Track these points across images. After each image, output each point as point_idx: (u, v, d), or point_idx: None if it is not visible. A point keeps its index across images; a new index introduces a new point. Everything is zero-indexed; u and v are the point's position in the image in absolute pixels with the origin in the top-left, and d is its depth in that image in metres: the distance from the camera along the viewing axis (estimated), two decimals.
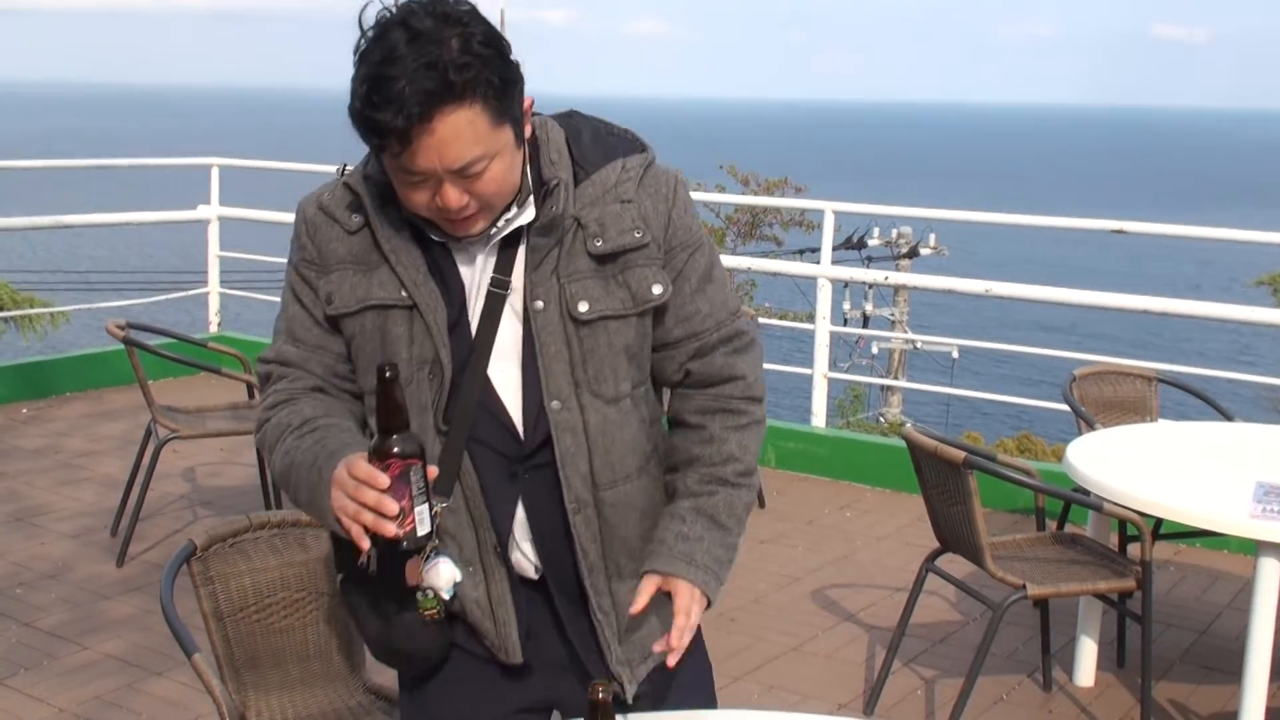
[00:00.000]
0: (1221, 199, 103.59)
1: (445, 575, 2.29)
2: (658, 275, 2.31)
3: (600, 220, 2.29)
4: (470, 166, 2.11)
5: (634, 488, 2.38)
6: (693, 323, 2.38)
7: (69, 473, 7.23)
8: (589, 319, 2.27)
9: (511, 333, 2.29)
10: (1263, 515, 4.13)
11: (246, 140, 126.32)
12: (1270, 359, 34.03)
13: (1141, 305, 7.30)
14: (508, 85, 2.14)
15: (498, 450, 2.31)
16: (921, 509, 4.96)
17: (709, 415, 2.43)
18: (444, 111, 2.06)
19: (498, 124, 2.12)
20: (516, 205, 2.24)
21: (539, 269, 2.26)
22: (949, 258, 38.40)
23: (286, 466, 2.28)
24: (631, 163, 2.33)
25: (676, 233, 2.34)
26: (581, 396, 2.30)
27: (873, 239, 35.27)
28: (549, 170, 2.28)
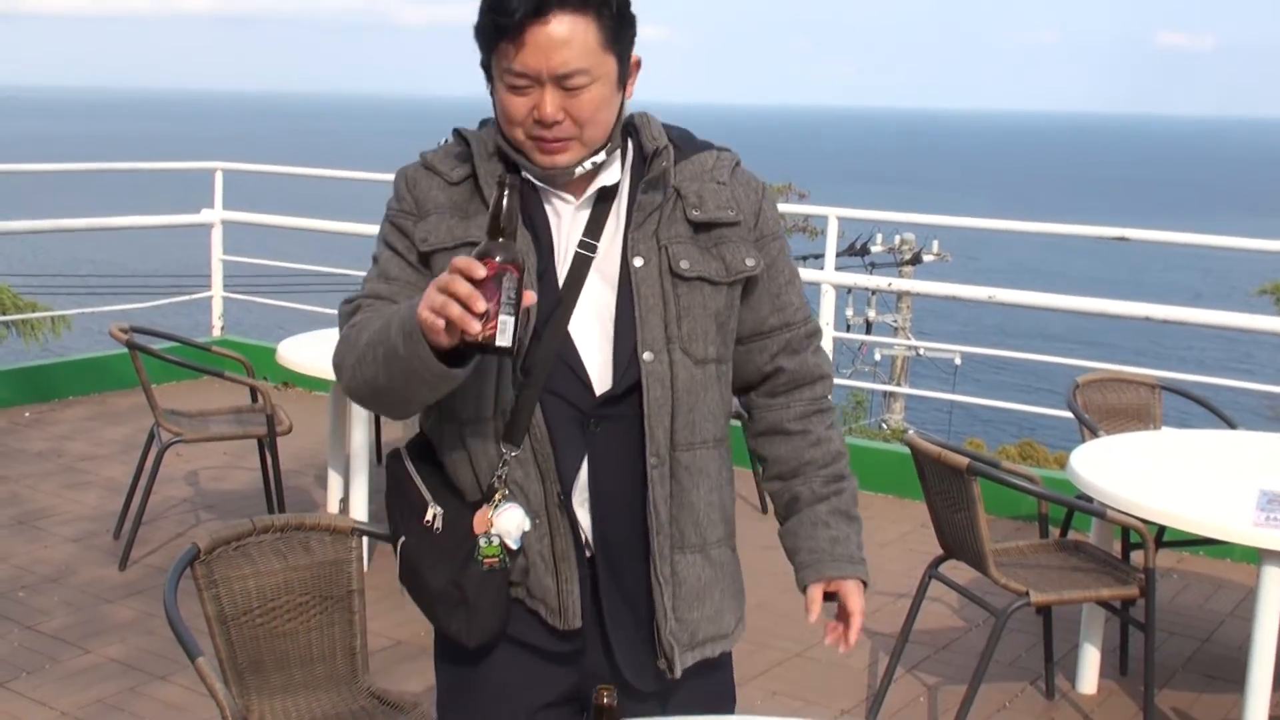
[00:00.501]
0: (1223, 207, 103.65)
1: (514, 521, 2.35)
2: (750, 251, 2.44)
3: (699, 193, 2.42)
4: (572, 77, 2.24)
5: (707, 455, 2.45)
6: (787, 312, 2.52)
7: (72, 476, 7.23)
8: (689, 276, 2.37)
9: (594, 291, 2.37)
10: (1266, 524, 4.13)
11: (249, 144, 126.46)
12: (1271, 367, 34.05)
13: (1143, 312, 7.29)
14: (624, 19, 2.30)
15: (570, 402, 2.36)
16: (924, 515, 4.96)
17: (809, 419, 2.57)
18: (561, 12, 2.21)
19: (606, 48, 2.27)
20: (606, 153, 2.35)
21: (640, 228, 2.38)
22: (951, 264, 38.46)
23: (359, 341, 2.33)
24: (724, 155, 2.50)
25: (767, 223, 2.48)
26: (673, 351, 2.38)
27: (876, 245, 35.33)
28: (651, 143, 2.41)
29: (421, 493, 2.46)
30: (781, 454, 2.57)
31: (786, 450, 2.57)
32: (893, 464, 7.16)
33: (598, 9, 2.25)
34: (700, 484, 2.44)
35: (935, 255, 37.57)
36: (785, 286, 2.52)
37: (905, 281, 11.69)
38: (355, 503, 6.03)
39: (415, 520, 2.44)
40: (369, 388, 2.32)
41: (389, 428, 7.91)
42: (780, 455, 2.58)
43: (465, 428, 2.39)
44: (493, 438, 2.37)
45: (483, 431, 2.38)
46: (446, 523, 2.41)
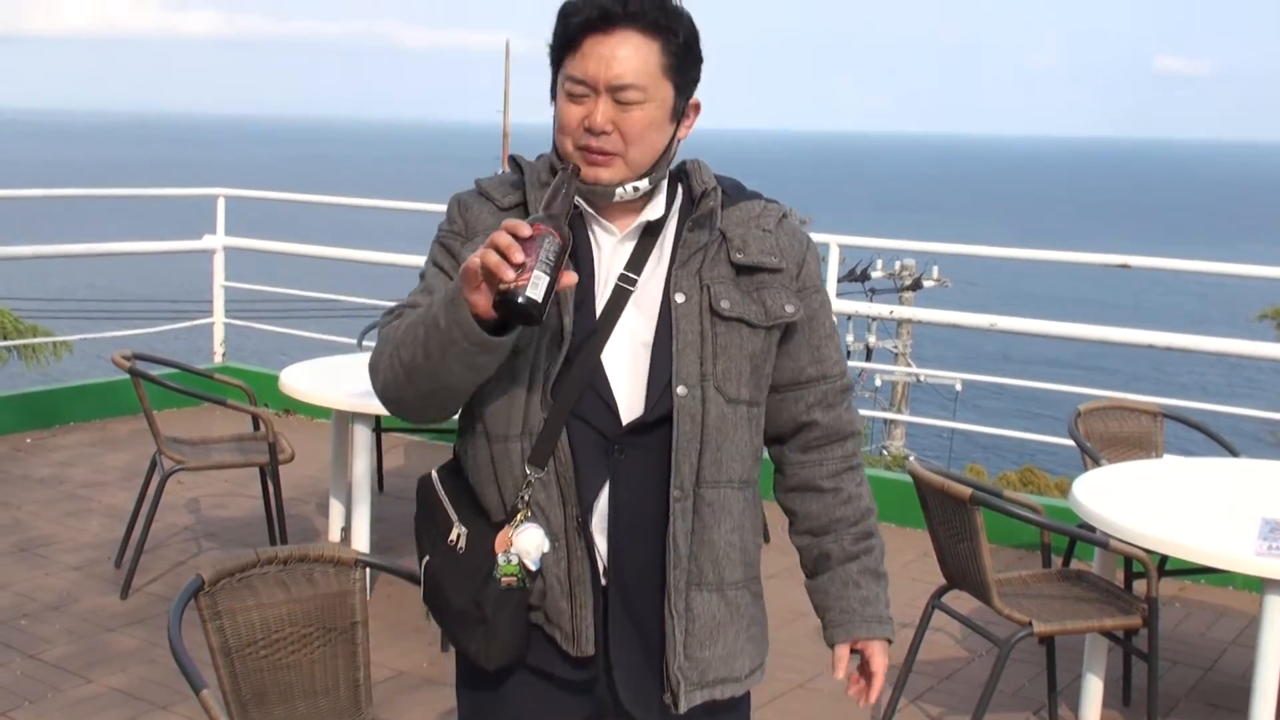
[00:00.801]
0: (1223, 231, 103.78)
1: (534, 541, 2.39)
2: (790, 299, 2.47)
3: (744, 238, 2.48)
4: (627, 91, 2.33)
5: (732, 495, 2.48)
6: (825, 365, 2.56)
7: (74, 503, 7.22)
8: (729, 316, 2.42)
9: (631, 322, 2.42)
10: (1268, 553, 4.13)
11: (251, 168, 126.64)
12: (1272, 392, 34.07)
13: (1145, 340, 7.31)
14: (689, 53, 2.39)
15: (596, 428, 2.41)
16: (927, 544, 4.96)
17: (841, 476, 2.61)
18: (628, 29, 2.32)
19: (665, 74, 2.36)
20: (649, 182, 2.41)
21: (685, 266, 2.43)
22: (952, 289, 38.50)
23: (400, 329, 2.39)
24: (772, 205, 2.56)
25: (809, 276, 2.52)
26: (707, 388, 2.42)
27: (876, 271, 35.40)
28: (700, 185, 2.49)
29: (448, 513, 2.50)
30: (813, 510, 2.61)
31: (818, 507, 2.60)
32: (895, 492, 7.15)
33: (665, 35, 2.35)
34: (722, 522, 2.46)
35: (936, 281, 37.65)
36: (825, 340, 2.56)
37: (907, 310, 11.73)
38: (357, 532, 6.03)
39: (441, 540, 2.49)
40: (405, 372, 2.36)
41: (391, 455, 7.92)
42: (812, 511, 2.61)
43: (494, 446, 2.43)
44: (519, 458, 2.41)
45: (510, 452, 2.42)
46: (470, 542, 2.45)
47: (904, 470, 6.73)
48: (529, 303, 2.15)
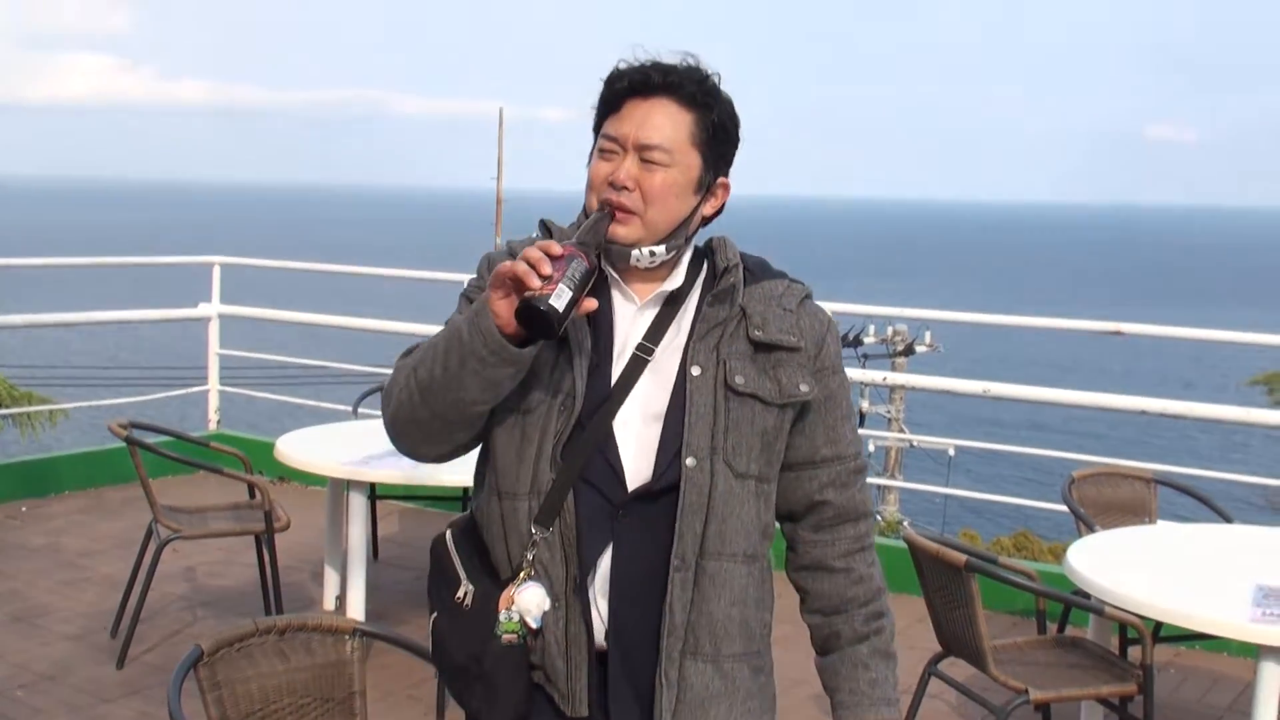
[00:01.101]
0: (1211, 295, 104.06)
1: (535, 599, 2.42)
2: (805, 378, 2.50)
3: (763, 315, 2.51)
4: (654, 151, 2.41)
5: (735, 569, 2.49)
6: (840, 445, 2.58)
7: (69, 572, 7.21)
8: (742, 391, 2.45)
9: (645, 391, 2.47)
10: (1263, 619, 4.15)
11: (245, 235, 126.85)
12: (1266, 458, 34.08)
13: (1138, 405, 7.34)
14: (723, 132, 2.48)
15: (602, 492, 2.44)
16: (923, 610, 4.96)
17: (853, 557, 2.61)
18: (666, 98, 2.43)
19: (694, 145, 2.45)
20: (666, 250, 2.46)
21: (703, 339, 2.47)
22: (944, 355, 38.52)
23: (417, 351, 2.47)
24: (796, 286, 2.60)
25: (828, 357, 2.55)
26: (715, 461, 2.44)
27: (868, 337, 35.44)
28: (724, 261, 2.54)
29: (458, 571, 2.54)
30: (824, 590, 2.62)
31: (829, 586, 2.61)
32: (890, 558, 7.11)
33: (700, 109, 2.45)
34: (722, 595, 2.47)
35: (928, 346, 37.67)
36: (841, 421, 2.58)
37: (900, 376, 11.73)
38: (352, 600, 6.03)
39: (449, 597, 2.52)
40: (421, 391, 2.42)
41: (385, 523, 7.92)
42: (823, 591, 2.62)
43: (503, 503, 2.48)
44: (525, 517, 2.45)
45: (517, 510, 2.46)
46: (476, 600, 2.48)
47: (899, 536, 6.74)
48: (550, 310, 2.23)
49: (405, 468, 5.79)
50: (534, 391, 2.44)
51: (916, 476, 32.22)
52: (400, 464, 5.82)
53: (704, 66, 2.48)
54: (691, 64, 2.47)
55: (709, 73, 2.48)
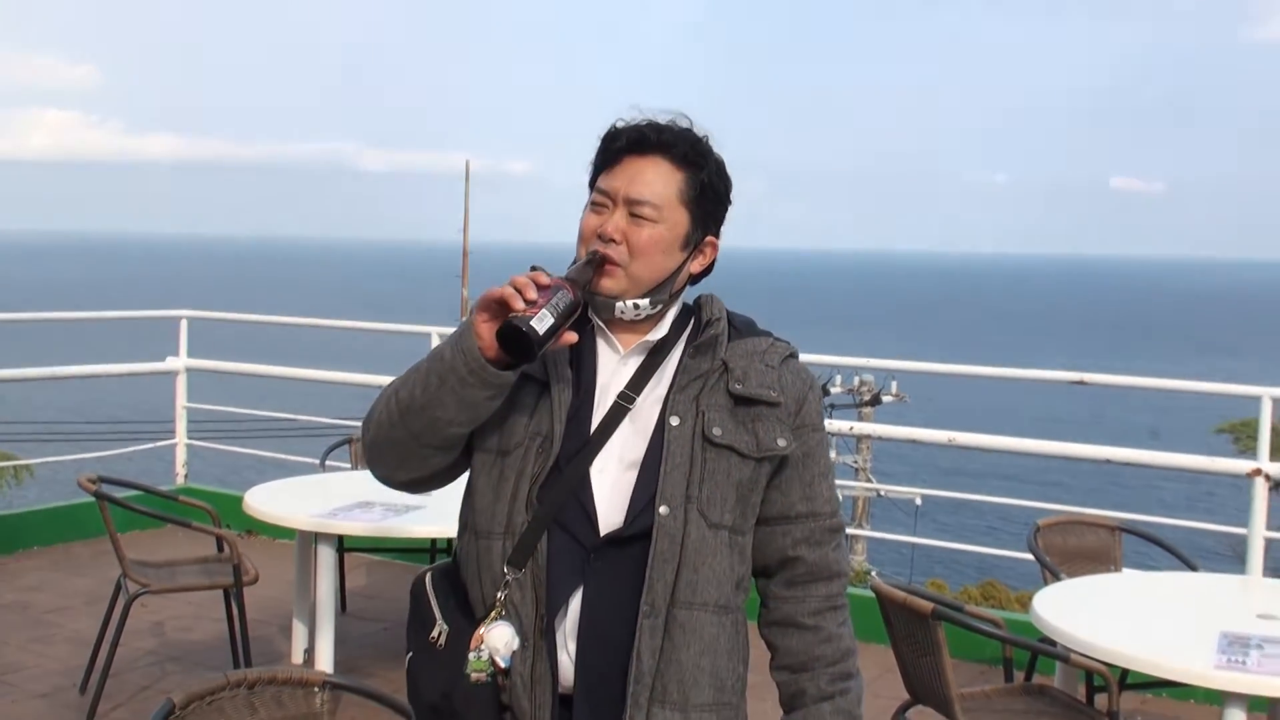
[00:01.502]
0: (1174, 346, 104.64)
1: (503, 638, 2.45)
2: (784, 433, 2.53)
3: (745, 369, 2.55)
4: (642, 206, 2.49)
5: (705, 619, 2.50)
6: (816, 502, 2.60)
7: (38, 629, 7.18)
8: (719, 443, 2.48)
9: (624, 439, 2.50)
10: (1228, 666, 4.18)
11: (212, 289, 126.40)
12: (1230, 506, 34.21)
13: (1103, 454, 7.39)
14: (713, 192, 2.55)
15: (575, 536, 2.47)
16: (890, 660, 4.98)
17: (823, 615, 2.62)
18: (659, 156, 2.51)
19: (683, 203, 2.52)
20: (650, 304, 2.52)
21: (684, 390, 2.51)
22: (910, 404, 38.62)
23: (402, 374, 2.51)
24: (779, 344, 2.62)
25: (809, 415, 2.59)
26: (690, 510, 2.47)
27: (835, 387, 35.52)
28: (707, 315, 2.61)
29: (433, 611, 2.57)
30: (793, 646, 2.62)
31: (798, 644, 2.62)
32: (857, 607, 7.13)
33: (691, 169, 2.53)
34: (692, 644, 2.48)
35: (894, 396, 37.79)
36: (818, 478, 2.61)
37: (867, 425, 11.80)
38: (320, 653, 6.02)
39: (424, 637, 2.56)
40: (400, 410, 2.46)
41: (354, 576, 7.91)
42: (791, 648, 2.62)
43: (479, 542, 2.52)
44: (499, 556, 2.48)
45: (491, 549, 2.49)
46: (450, 639, 2.51)
47: (866, 585, 6.76)
48: (530, 331, 2.28)
49: (373, 520, 5.80)
50: (514, 433, 2.49)
51: (884, 526, 32.28)
52: (368, 516, 5.82)
53: (696, 128, 2.55)
54: (685, 125, 2.54)
55: (702, 134, 2.55)
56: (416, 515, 5.85)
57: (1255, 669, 4.16)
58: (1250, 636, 4.48)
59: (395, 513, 5.87)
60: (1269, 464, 6.80)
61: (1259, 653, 4.30)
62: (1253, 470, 6.74)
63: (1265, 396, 7.22)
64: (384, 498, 6.10)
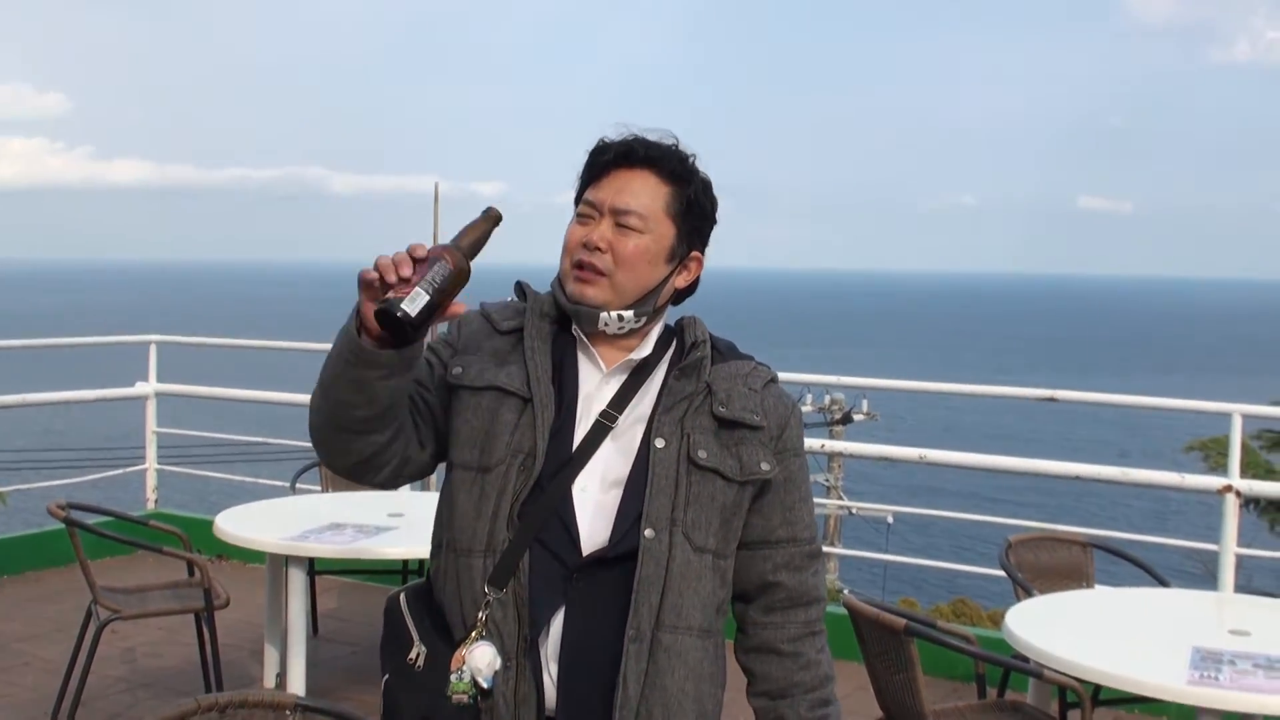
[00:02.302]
0: (1142, 364, 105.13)
1: (485, 659, 2.42)
2: (767, 457, 2.53)
3: (728, 392, 2.55)
4: (627, 216, 2.50)
5: (690, 643, 2.49)
6: (796, 527, 2.60)
7: (8, 658, 7.11)
8: (705, 466, 2.47)
9: (606, 458, 2.49)
10: (1200, 681, 4.19)
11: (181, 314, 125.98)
12: (1200, 524, 34.35)
13: (1073, 471, 7.41)
14: (698, 208, 2.57)
15: (556, 555, 2.45)
16: (863, 677, 4.98)
17: (802, 641, 2.62)
18: (645, 170, 2.53)
19: (669, 216, 2.54)
20: (635, 316, 2.51)
21: (669, 412, 2.50)
22: (881, 423, 38.72)
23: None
24: (761, 368, 2.61)
25: (790, 439, 2.58)
26: (675, 534, 2.46)
27: (806, 405, 35.59)
28: (692, 337, 2.60)
29: (410, 632, 2.54)
30: (771, 673, 2.62)
31: (777, 670, 2.61)
32: (831, 625, 7.13)
33: (678, 184, 2.55)
34: (677, 669, 2.47)
35: (865, 415, 37.89)
36: (798, 503, 2.60)
37: (838, 443, 11.78)
38: (292, 676, 5.99)
39: (401, 658, 2.52)
40: (319, 395, 2.45)
41: (325, 598, 7.88)
42: (770, 674, 2.62)
43: (458, 561, 2.49)
44: (479, 575, 2.46)
45: (471, 567, 2.47)
46: (428, 661, 2.48)
47: (839, 603, 6.76)
48: (403, 315, 2.22)
49: (344, 542, 5.78)
50: (495, 450, 2.47)
51: (855, 545, 32.34)
52: (339, 538, 5.81)
53: (683, 146, 2.57)
54: (672, 143, 2.56)
55: (689, 153, 2.57)
56: (388, 537, 5.84)
57: (1228, 684, 4.17)
58: (1223, 652, 4.50)
59: (366, 534, 5.85)
60: (1239, 480, 6.83)
61: (1231, 668, 4.31)
62: (1224, 487, 6.77)
63: (1235, 413, 7.25)
64: (355, 519, 6.09)
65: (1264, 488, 7.42)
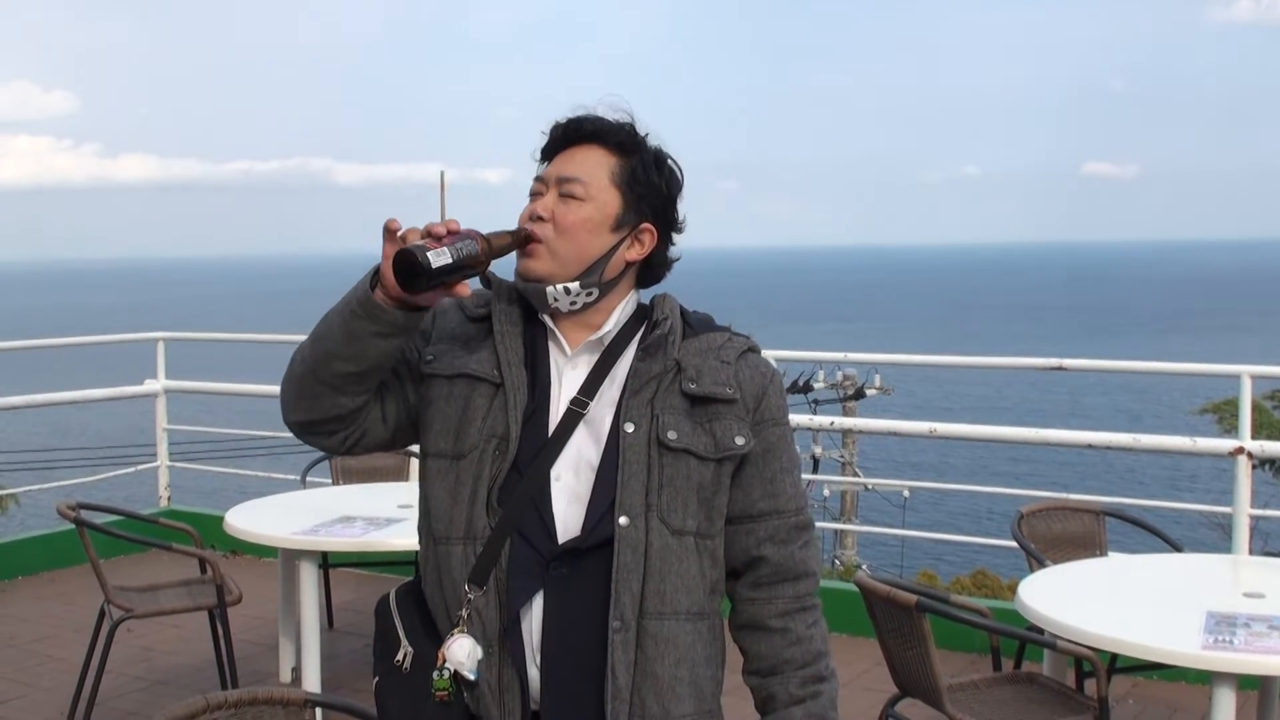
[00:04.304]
0: (1152, 327, 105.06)
1: (465, 650, 2.40)
2: (741, 430, 2.48)
3: (698, 368, 2.50)
4: (570, 184, 2.49)
5: (678, 628, 2.45)
6: (779, 499, 2.54)
7: (26, 659, 7.12)
8: (675, 447, 2.43)
9: (580, 445, 2.46)
10: (1214, 646, 4.18)
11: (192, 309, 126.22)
12: (1213, 486, 34.33)
13: (1085, 440, 7.39)
14: (644, 178, 2.53)
15: (532, 544, 2.42)
16: (879, 653, 4.97)
17: (790, 617, 2.55)
18: (591, 144, 2.52)
19: (615, 184, 2.51)
20: (581, 287, 2.48)
21: (637, 395, 2.46)
22: (894, 397, 38.70)
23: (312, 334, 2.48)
24: (738, 339, 2.58)
25: (769, 410, 2.53)
26: (650, 519, 2.42)
27: (818, 382, 35.55)
28: (657, 314, 2.56)
29: (398, 633, 2.53)
30: (761, 650, 2.56)
31: (766, 647, 2.55)
32: (846, 602, 7.13)
33: (624, 152, 2.53)
34: (667, 655, 2.43)
35: (878, 389, 37.83)
36: (780, 473, 2.54)
37: (847, 420, 11.81)
38: (308, 671, 6.00)
39: (389, 660, 2.51)
40: (309, 344, 2.45)
41: (340, 590, 7.88)
42: (760, 651, 2.56)
43: (438, 548, 2.48)
44: (460, 562, 2.44)
45: (451, 554, 2.46)
46: (415, 661, 2.47)
47: (853, 580, 6.76)
48: (424, 259, 2.26)
49: (355, 535, 5.78)
50: (469, 436, 2.45)
51: (872, 519, 32.38)
52: (350, 532, 5.81)
53: (636, 121, 2.55)
54: (624, 119, 2.54)
55: (641, 131, 2.55)
56: (398, 529, 5.84)
57: (1243, 648, 4.16)
58: (1237, 615, 4.49)
59: (377, 527, 5.86)
60: (1251, 442, 6.81)
61: (1246, 631, 4.30)
62: (1235, 449, 6.75)
63: (1244, 375, 7.22)
64: (365, 512, 6.09)
65: (1277, 448, 7.38)
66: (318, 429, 2.53)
